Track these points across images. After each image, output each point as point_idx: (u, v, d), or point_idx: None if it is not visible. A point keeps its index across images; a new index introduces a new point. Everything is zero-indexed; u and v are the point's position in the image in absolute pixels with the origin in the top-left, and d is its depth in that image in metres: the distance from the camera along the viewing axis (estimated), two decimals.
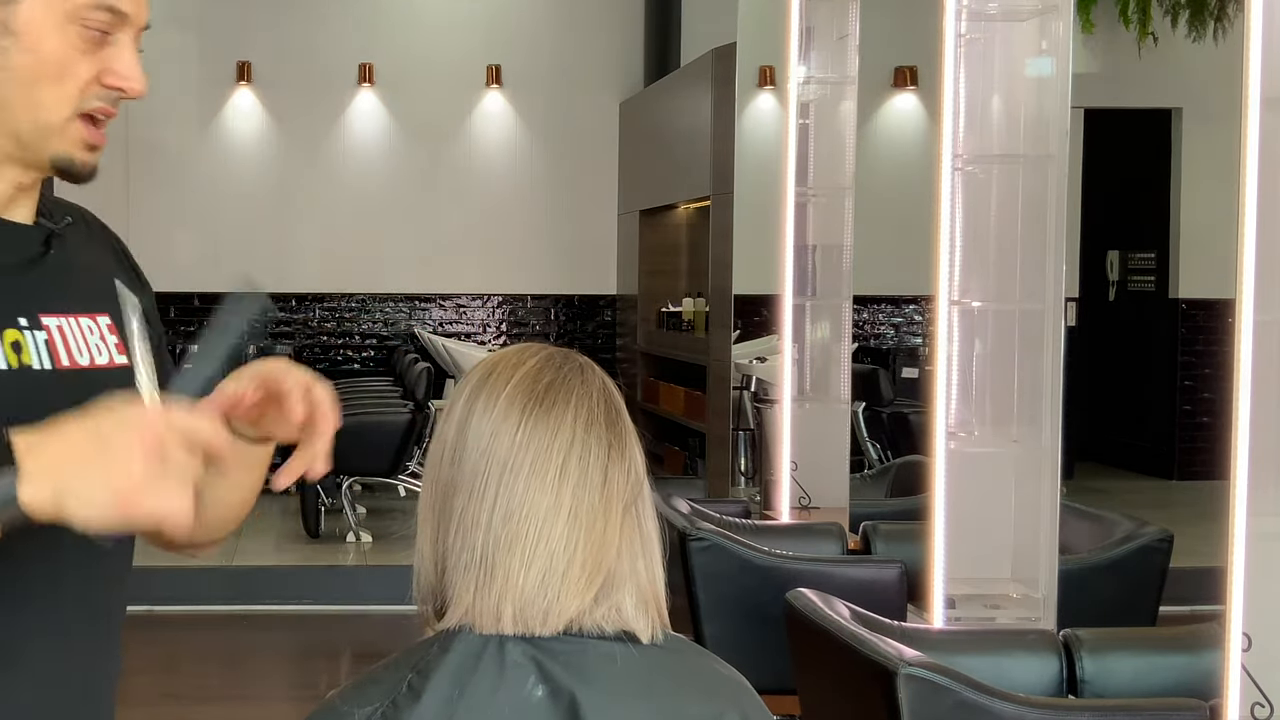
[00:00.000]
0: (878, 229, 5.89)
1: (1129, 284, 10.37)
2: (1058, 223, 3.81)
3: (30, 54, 1.39)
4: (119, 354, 1.50)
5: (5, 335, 1.40)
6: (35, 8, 1.38)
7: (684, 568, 3.92)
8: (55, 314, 1.45)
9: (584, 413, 1.40)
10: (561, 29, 10.25)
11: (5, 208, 1.46)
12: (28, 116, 1.41)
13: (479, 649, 1.36)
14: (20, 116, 1.41)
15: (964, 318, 3.94)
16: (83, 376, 1.45)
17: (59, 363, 1.44)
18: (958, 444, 3.84)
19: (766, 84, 8.16)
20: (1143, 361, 10.14)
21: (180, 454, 1.23)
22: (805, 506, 5.01)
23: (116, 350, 1.50)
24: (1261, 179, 2.72)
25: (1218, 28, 8.18)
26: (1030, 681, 3.01)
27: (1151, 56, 8.39)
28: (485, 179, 10.26)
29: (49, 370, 1.42)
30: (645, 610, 1.39)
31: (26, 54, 1.39)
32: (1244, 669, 2.73)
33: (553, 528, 1.37)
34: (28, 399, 1.39)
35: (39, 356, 1.42)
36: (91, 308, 1.50)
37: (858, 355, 7.35)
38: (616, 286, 10.35)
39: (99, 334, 1.49)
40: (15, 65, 1.39)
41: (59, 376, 1.43)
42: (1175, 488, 9.39)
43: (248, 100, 10.05)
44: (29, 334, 1.42)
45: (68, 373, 1.44)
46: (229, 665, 6.21)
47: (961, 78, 3.90)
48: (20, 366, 1.40)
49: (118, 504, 1.20)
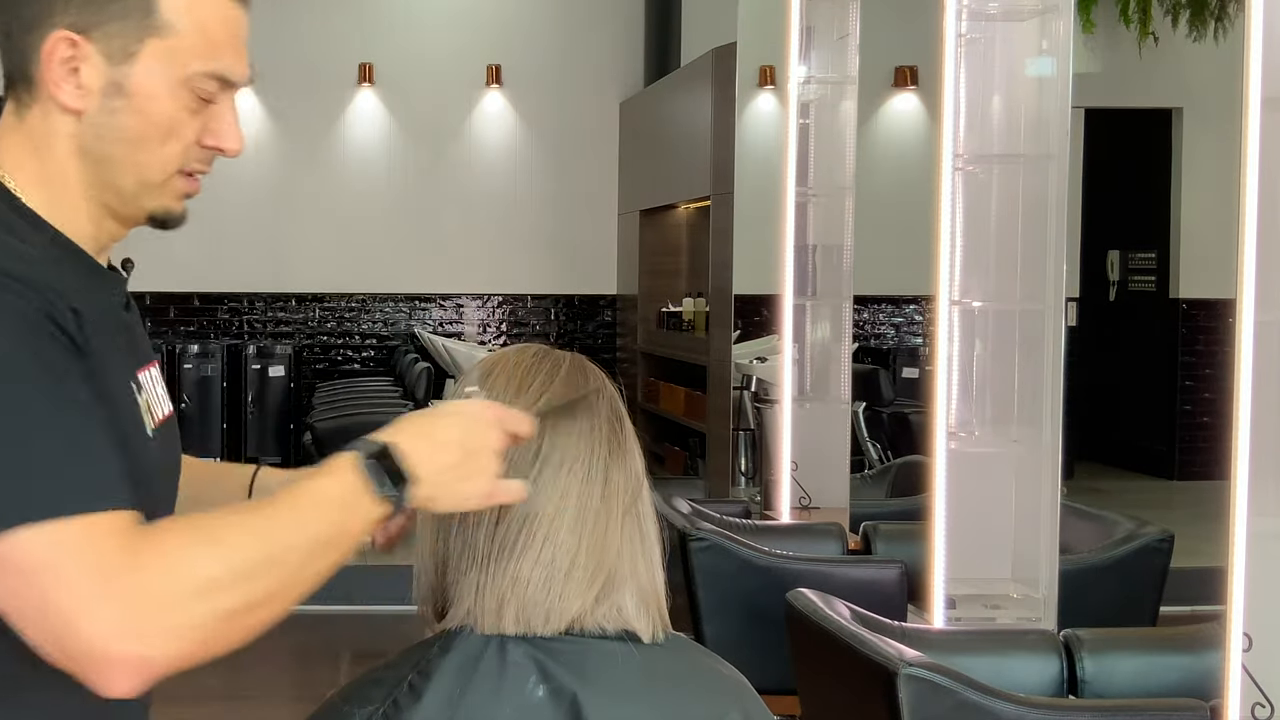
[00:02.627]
0: (878, 229, 5.88)
1: (1129, 284, 10.37)
2: (1058, 223, 3.81)
3: (140, 115, 1.39)
4: (168, 401, 1.53)
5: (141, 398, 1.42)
6: (152, 72, 1.38)
7: (684, 568, 3.92)
8: (141, 367, 1.47)
9: (586, 413, 1.40)
10: (561, 29, 10.25)
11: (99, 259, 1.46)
12: (132, 175, 1.41)
13: (480, 649, 1.36)
14: (124, 174, 1.41)
15: (964, 318, 3.94)
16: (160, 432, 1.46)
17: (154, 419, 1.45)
18: (958, 444, 3.84)
19: (766, 84, 8.16)
20: (1143, 361, 10.14)
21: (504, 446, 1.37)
22: (805, 506, 5.01)
23: (166, 399, 1.53)
24: (1261, 179, 2.72)
25: (1218, 28, 8.17)
26: (1030, 681, 3.01)
27: (1151, 56, 8.39)
28: (485, 179, 10.26)
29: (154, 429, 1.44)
30: (646, 610, 1.39)
31: (136, 115, 1.39)
32: (1244, 669, 2.73)
33: (555, 528, 1.37)
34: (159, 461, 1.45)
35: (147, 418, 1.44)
36: (150, 357, 1.52)
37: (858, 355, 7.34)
38: (616, 286, 10.35)
39: (160, 383, 1.52)
40: (124, 125, 1.39)
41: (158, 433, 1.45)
42: (1175, 488, 9.39)
43: (248, 100, 10.05)
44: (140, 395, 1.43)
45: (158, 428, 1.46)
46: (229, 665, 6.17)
47: (962, 78, 3.90)
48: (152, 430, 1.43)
49: (482, 499, 1.36)
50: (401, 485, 1.32)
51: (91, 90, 1.37)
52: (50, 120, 1.39)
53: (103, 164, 1.40)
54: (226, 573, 1.25)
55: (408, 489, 1.32)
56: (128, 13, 1.36)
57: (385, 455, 1.33)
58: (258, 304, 10.15)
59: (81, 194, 1.41)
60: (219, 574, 1.24)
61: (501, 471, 1.36)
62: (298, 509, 1.30)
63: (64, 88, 1.37)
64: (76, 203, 1.41)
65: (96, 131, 1.39)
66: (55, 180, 1.40)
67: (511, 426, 1.37)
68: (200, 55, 1.40)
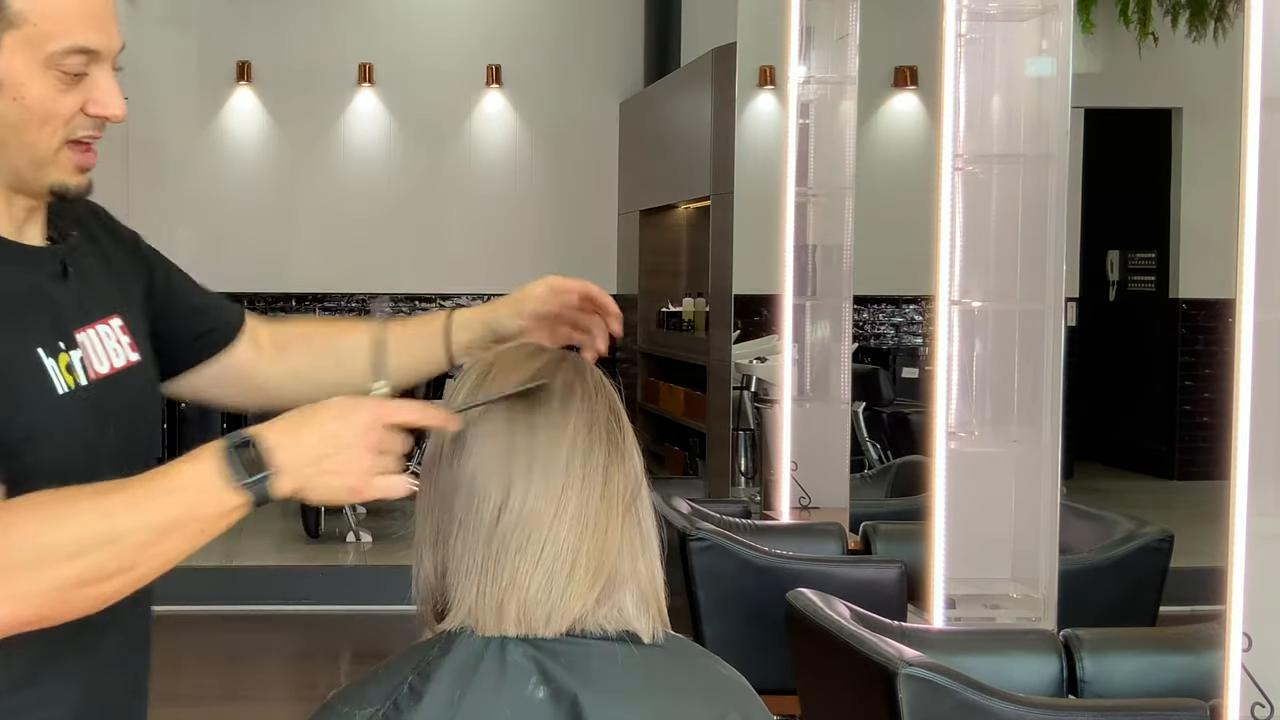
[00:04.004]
0: (878, 229, 5.88)
1: (1129, 284, 10.37)
2: (1058, 223, 3.81)
3: (15, 103, 1.50)
4: (132, 352, 1.65)
5: (60, 360, 1.54)
6: (14, 60, 1.48)
7: (684, 568, 3.92)
8: (82, 328, 1.58)
9: (585, 413, 1.40)
10: (561, 29, 10.25)
11: (21, 232, 1.59)
12: (22, 155, 1.53)
13: (480, 650, 1.36)
14: (15, 155, 1.53)
15: (964, 318, 3.94)
16: (108, 383, 1.59)
17: (91, 375, 1.58)
18: (958, 444, 3.84)
19: (766, 84, 8.16)
20: (1143, 361, 10.14)
21: (394, 441, 1.41)
22: (805, 506, 5.01)
23: (130, 349, 1.65)
24: (1261, 179, 2.72)
25: (1218, 28, 8.17)
26: (1030, 681, 3.01)
27: (1151, 56, 8.39)
28: (485, 179, 10.25)
29: (86, 385, 1.57)
30: (646, 610, 1.39)
31: (11, 103, 1.50)
32: (1244, 669, 2.73)
33: (556, 528, 1.37)
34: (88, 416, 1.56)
35: (80, 375, 1.56)
36: (106, 312, 1.63)
37: (858, 355, 7.35)
38: (616, 286, 10.34)
39: (114, 337, 1.63)
40: (2, 112, 1.50)
41: (94, 388, 1.58)
42: (1175, 488, 9.39)
43: (248, 100, 10.05)
44: (71, 355, 1.56)
45: (96, 383, 1.58)
46: (229, 665, 6.21)
47: (961, 78, 3.90)
48: (75, 387, 1.55)
49: (350, 493, 1.41)
50: (262, 476, 1.38)
51: None
52: None
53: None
54: (65, 546, 1.36)
55: (268, 480, 1.38)
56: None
57: (248, 446, 1.39)
58: (258, 304, 10.15)
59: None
60: (58, 547, 1.36)
61: (388, 467, 1.41)
62: (149, 491, 1.39)
63: None
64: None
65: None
66: None
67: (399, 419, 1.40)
68: (55, 36, 1.48)
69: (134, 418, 1.65)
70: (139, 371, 1.66)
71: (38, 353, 1.53)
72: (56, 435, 1.52)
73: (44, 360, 1.53)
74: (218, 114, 10.03)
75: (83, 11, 1.50)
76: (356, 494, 1.41)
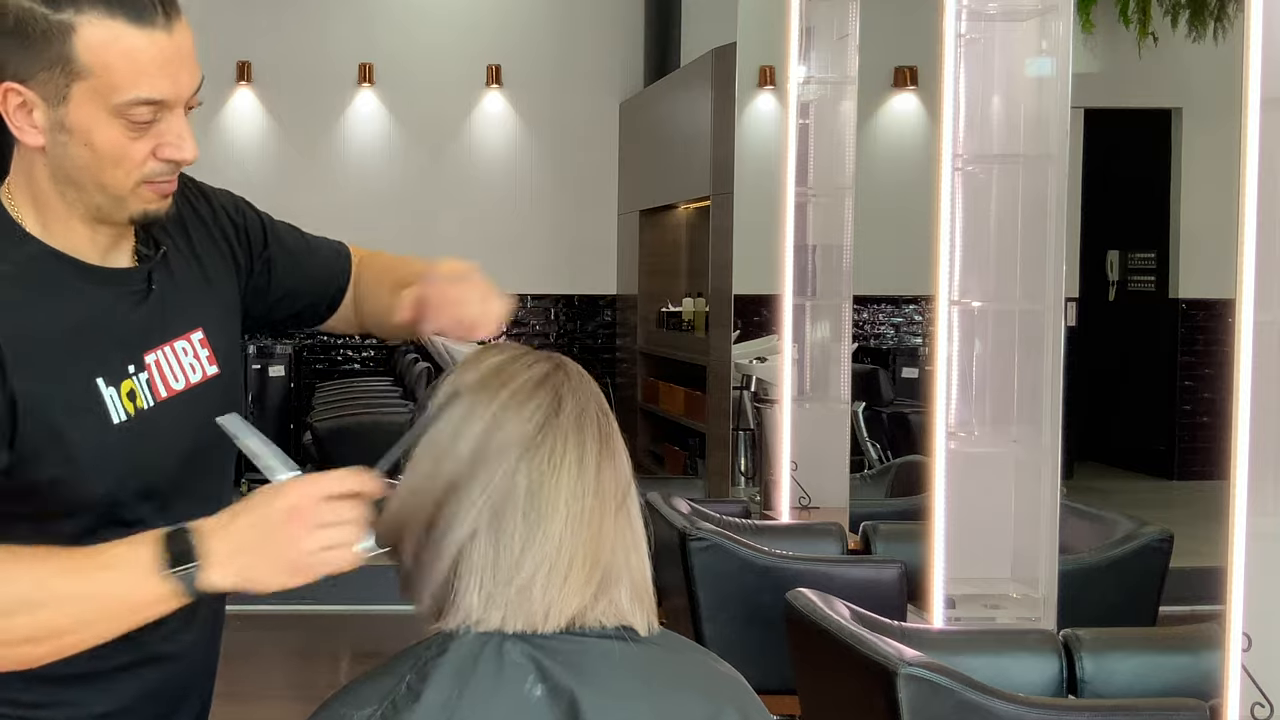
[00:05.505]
0: (878, 229, 5.88)
1: (1129, 284, 10.36)
2: (1058, 223, 3.81)
3: (86, 148, 1.55)
4: (210, 365, 1.71)
5: (123, 388, 1.60)
6: (82, 109, 1.53)
7: (684, 568, 3.92)
8: (154, 348, 1.65)
9: (576, 411, 1.41)
10: (561, 29, 10.25)
11: (106, 256, 1.65)
12: (99, 193, 1.59)
13: (478, 649, 1.36)
14: (92, 193, 1.59)
15: (964, 318, 3.94)
16: (180, 400, 1.66)
17: (158, 395, 1.64)
18: (958, 444, 3.84)
19: (766, 84, 8.16)
20: (1143, 361, 10.13)
21: (335, 513, 1.41)
22: (805, 506, 5.01)
23: (208, 362, 1.71)
24: (1261, 179, 2.72)
25: (1218, 28, 8.17)
26: (1030, 681, 3.01)
27: (1151, 56, 8.39)
28: (485, 179, 10.25)
29: (151, 406, 1.62)
30: (640, 603, 1.41)
31: (83, 147, 1.55)
32: (1244, 669, 2.73)
33: (552, 526, 1.37)
34: (144, 440, 1.61)
35: (146, 396, 1.62)
36: (189, 326, 1.68)
37: (858, 355, 7.34)
38: (616, 286, 10.34)
39: (192, 352, 1.68)
40: (75, 155, 1.56)
41: (162, 408, 1.64)
42: (1175, 488, 9.38)
43: (248, 100, 10.05)
44: (137, 379, 1.62)
45: (166, 402, 1.64)
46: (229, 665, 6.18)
47: (961, 78, 3.90)
48: (135, 413, 1.61)
49: (292, 576, 1.41)
50: (190, 566, 1.40)
51: (43, 129, 1.55)
52: (27, 155, 1.59)
53: (72, 186, 1.58)
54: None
55: (196, 571, 1.41)
56: (53, 63, 1.52)
57: (184, 535, 1.42)
58: None
59: (66, 211, 1.60)
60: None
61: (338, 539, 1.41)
62: (83, 567, 1.43)
63: (23, 129, 1.55)
64: (65, 218, 1.60)
65: (58, 162, 1.57)
66: (41, 202, 1.60)
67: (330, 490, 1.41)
68: (121, 89, 1.52)
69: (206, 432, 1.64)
70: (216, 384, 1.71)
71: (96, 384, 1.58)
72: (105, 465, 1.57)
73: (102, 391, 1.58)
74: (218, 114, 10.03)
75: (150, 62, 1.53)
76: (301, 573, 1.41)
